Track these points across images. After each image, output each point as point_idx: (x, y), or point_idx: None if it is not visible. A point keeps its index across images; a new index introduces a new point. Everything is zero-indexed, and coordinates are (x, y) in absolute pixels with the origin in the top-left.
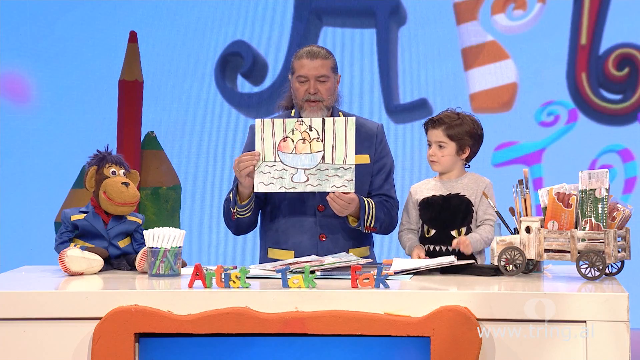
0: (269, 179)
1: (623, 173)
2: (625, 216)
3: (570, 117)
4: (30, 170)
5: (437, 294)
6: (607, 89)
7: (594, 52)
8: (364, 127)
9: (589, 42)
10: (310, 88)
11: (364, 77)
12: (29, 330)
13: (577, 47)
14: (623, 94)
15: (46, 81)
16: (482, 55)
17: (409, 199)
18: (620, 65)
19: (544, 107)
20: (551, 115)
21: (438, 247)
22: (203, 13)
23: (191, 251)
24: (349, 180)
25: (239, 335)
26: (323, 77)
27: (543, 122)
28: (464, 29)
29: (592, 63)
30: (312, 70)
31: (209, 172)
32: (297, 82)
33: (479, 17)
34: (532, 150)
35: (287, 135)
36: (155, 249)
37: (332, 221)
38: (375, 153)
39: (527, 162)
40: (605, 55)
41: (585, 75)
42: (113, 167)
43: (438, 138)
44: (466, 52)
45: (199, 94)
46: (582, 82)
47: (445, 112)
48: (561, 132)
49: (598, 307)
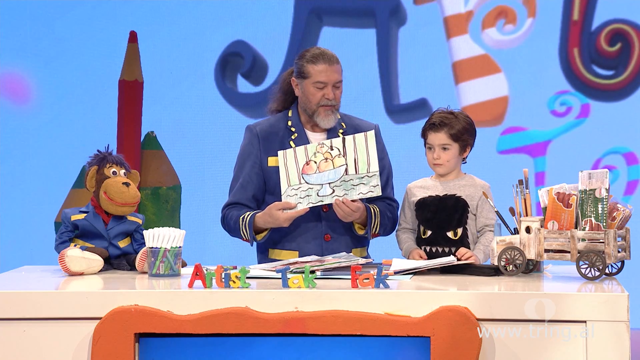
0: (296, 199)
1: (626, 175)
2: (625, 216)
3: (582, 111)
4: (30, 170)
5: (437, 294)
6: (599, 65)
7: (586, 27)
8: (361, 128)
9: (581, 17)
10: (329, 94)
11: (364, 77)
12: (29, 330)
13: (569, 22)
14: (615, 69)
15: (46, 81)
16: (473, 68)
17: (406, 199)
18: (612, 40)
19: (558, 96)
20: (564, 106)
21: (434, 249)
22: (203, 13)
23: (191, 251)
24: (375, 185)
25: (239, 335)
26: (339, 83)
27: (555, 111)
28: (455, 43)
29: (584, 39)
30: (332, 76)
31: (209, 172)
32: (314, 87)
33: (469, 31)
34: (539, 140)
35: (310, 159)
36: (155, 249)
37: (336, 221)
38: None
39: (531, 153)
40: (597, 31)
41: (578, 51)
42: (114, 167)
43: (442, 141)
44: (457, 65)
45: (199, 94)
46: (574, 58)
47: (441, 113)
48: (570, 125)
49: (598, 307)
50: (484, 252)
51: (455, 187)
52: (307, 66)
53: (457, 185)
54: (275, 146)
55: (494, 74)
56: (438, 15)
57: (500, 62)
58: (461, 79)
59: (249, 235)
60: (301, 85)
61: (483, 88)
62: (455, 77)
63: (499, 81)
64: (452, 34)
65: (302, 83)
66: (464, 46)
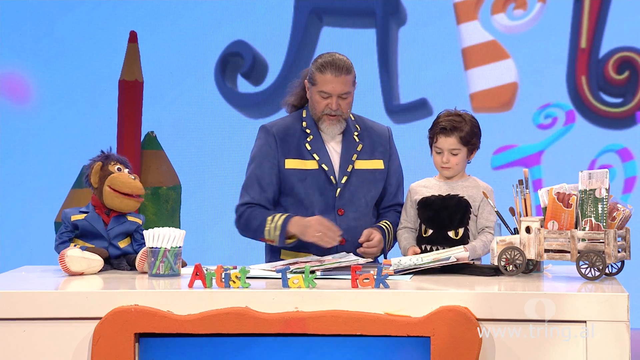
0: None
1: (622, 173)
2: (625, 216)
3: (568, 118)
4: (30, 170)
5: (437, 294)
6: (607, 93)
7: (594, 55)
8: (374, 131)
9: (589, 45)
10: (333, 104)
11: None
12: (29, 330)
13: (577, 50)
14: (623, 97)
15: (46, 81)
16: (482, 54)
17: (408, 197)
18: (620, 68)
19: (542, 110)
20: (549, 118)
21: (435, 247)
22: (203, 13)
23: (191, 251)
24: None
25: (239, 335)
26: (346, 94)
27: (541, 125)
28: (464, 29)
29: (592, 66)
30: (337, 88)
31: (209, 172)
32: (319, 96)
33: (479, 17)
34: (531, 153)
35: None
36: (155, 249)
37: (352, 224)
38: (390, 159)
39: (526, 164)
40: (605, 59)
41: (585, 79)
42: (118, 164)
43: (452, 146)
44: (466, 51)
45: (199, 94)
46: (582, 86)
47: (449, 116)
48: (559, 133)
49: (598, 307)
50: (477, 247)
51: (458, 188)
52: (315, 73)
53: (461, 186)
54: (292, 148)
55: (502, 59)
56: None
57: (509, 47)
58: (470, 65)
59: (278, 235)
60: (310, 90)
61: (492, 74)
62: (465, 64)
63: (507, 67)
64: (461, 19)
65: (310, 88)
66: (474, 32)
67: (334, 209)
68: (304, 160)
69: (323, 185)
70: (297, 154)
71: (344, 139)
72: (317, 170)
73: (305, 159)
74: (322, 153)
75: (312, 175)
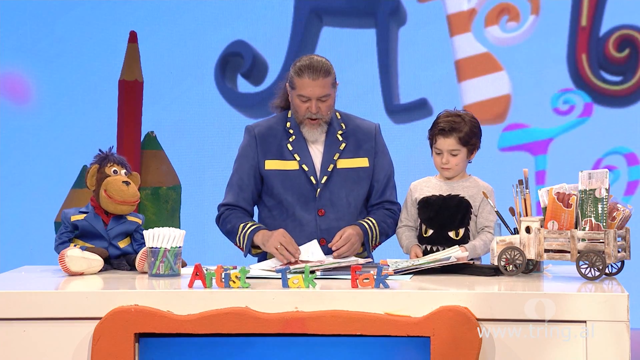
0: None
1: (627, 176)
2: (625, 216)
3: (585, 110)
4: (30, 170)
5: (437, 294)
6: (607, 71)
7: (594, 33)
8: (360, 129)
9: (589, 23)
10: (312, 108)
11: (364, 77)
12: (29, 330)
13: (577, 28)
14: (623, 75)
15: (46, 81)
16: (475, 67)
17: (409, 196)
18: (620, 46)
19: (562, 94)
20: (567, 104)
21: (435, 247)
22: (203, 13)
23: (191, 251)
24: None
25: (239, 335)
26: (325, 97)
27: (557, 109)
28: (458, 41)
29: (592, 44)
30: (315, 91)
31: (209, 172)
32: (298, 99)
33: (472, 29)
34: (541, 138)
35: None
36: (155, 249)
37: (333, 224)
38: (376, 155)
39: (533, 151)
40: (605, 37)
41: (586, 57)
42: (115, 166)
43: (451, 146)
44: (460, 63)
45: (199, 94)
46: (582, 64)
47: (448, 117)
48: (573, 123)
49: (598, 307)
50: (478, 247)
51: (458, 188)
52: (294, 77)
53: (461, 186)
54: (273, 148)
55: (496, 72)
56: (441, 13)
57: (503, 60)
58: (463, 77)
59: (244, 246)
60: (290, 94)
61: (485, 86)
62: (458, 75)
63: (501, 79)
64: (455, 31)
65: (291, 92)
66: (467, 44)
67: (315, 209)
68: (285, 161)
69: (303, 185)
70: (277, 155)
71: (327, 139)
72: (298, 171)
73: (286, 160)
74: (303, 153)
75: (292, 176)
